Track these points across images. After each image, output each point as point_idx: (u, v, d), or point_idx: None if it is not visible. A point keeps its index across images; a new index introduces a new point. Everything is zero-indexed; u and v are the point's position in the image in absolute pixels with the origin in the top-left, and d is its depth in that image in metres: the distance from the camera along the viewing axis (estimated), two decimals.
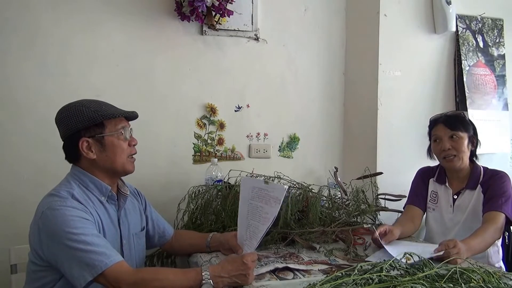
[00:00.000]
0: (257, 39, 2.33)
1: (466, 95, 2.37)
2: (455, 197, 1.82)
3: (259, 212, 1.41)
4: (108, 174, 1.37)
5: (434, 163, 1.94)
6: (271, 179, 1.85)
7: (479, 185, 1.77)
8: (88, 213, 1.27)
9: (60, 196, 1.26)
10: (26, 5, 1.97)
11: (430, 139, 1.89)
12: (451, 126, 1.78)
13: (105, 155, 1.34)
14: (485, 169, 1.81)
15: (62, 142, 1.37)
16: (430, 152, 1.92)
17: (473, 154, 1.83)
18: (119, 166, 1.36)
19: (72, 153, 1.36)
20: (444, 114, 1.87)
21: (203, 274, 1.21)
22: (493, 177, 1.76)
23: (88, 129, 1.32)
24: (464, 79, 2.38)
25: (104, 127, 1.34)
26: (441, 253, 1.39)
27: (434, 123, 1.86)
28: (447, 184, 1.85)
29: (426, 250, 1.43)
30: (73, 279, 1.18)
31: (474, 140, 1.82)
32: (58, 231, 1.19)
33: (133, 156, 1.41)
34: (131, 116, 1.41)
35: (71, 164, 1.39)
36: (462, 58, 2.40)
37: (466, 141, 1.78)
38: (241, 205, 1.50)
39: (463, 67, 2.39)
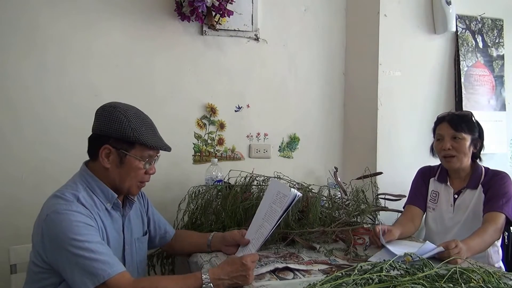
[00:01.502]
0: (257, 39, 2.33)
1: (463, 95, 2.37)
2: (456, 196, 1.82)
3: (274, 216, 1.41)
4: (113, 187, 1.36)
5: (435, 162, 1.94)
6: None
7: (480, 185, 1.77)
8: (93, 218, 1.26)
9: (65, 199, 1.24)
10: (25, 4, 1.96)
11: (434, 136, 1.89)
12: (455, 126, 1.77)
13: (118, 171, 1.33)
14: (487, 169, 1.81)
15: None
16: (433, 150, 1.92)
17: (475, 156, 1.82)
18: (125, 187, 1.35)
19: (92, 151, 1.35)
20: (451, 113, 1.85)
21: (203, 278, 1.22)
22: (494, 178, 1.75)
23: (117, 140, 1.31)
24: (462, 80, 2.38)
25: (133, 147, 1.32)
26: (442, 249, 1.39)
27: (439, 121, 1.85)
28: (448, 183, 1.85)
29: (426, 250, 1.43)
30: (74, 285, 1.18)
31: (477, 143, 1.80)
32: (62, 236, 1.18)
33: (143, 182, 1.40)
34: (166, 149, 1.39)
35: (82, 163, 1.37)
36: (461, 58, 2.40)
37: (468, 143, 1.76)
38: (262, 204, 1.52)
39: (461, 67, 2.39)
